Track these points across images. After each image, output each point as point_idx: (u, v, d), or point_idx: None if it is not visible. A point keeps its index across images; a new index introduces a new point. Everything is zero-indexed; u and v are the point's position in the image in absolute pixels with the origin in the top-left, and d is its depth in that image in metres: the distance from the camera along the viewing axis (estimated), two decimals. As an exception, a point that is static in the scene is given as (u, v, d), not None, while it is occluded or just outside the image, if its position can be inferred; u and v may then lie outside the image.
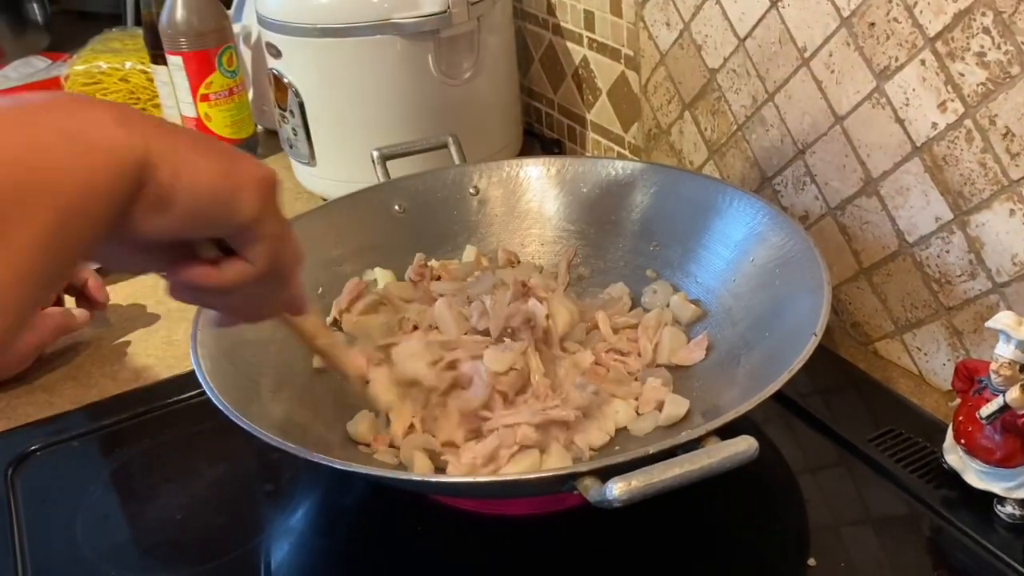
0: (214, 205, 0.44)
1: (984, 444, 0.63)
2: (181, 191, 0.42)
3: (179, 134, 0.44)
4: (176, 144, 0.43)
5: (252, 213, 0.46)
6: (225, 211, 0.45)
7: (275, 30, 1.07)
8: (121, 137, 0.41)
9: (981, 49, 0.64)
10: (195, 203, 0.43)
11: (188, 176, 0.43)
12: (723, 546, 0.66)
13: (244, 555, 0.68)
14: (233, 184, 0.45)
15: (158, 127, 0.43)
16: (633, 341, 0.80)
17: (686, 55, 0.94)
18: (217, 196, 0.44)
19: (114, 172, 0.40)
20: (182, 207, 0.43)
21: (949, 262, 0.72)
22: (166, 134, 0.43)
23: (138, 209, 0.42)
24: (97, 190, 0.40)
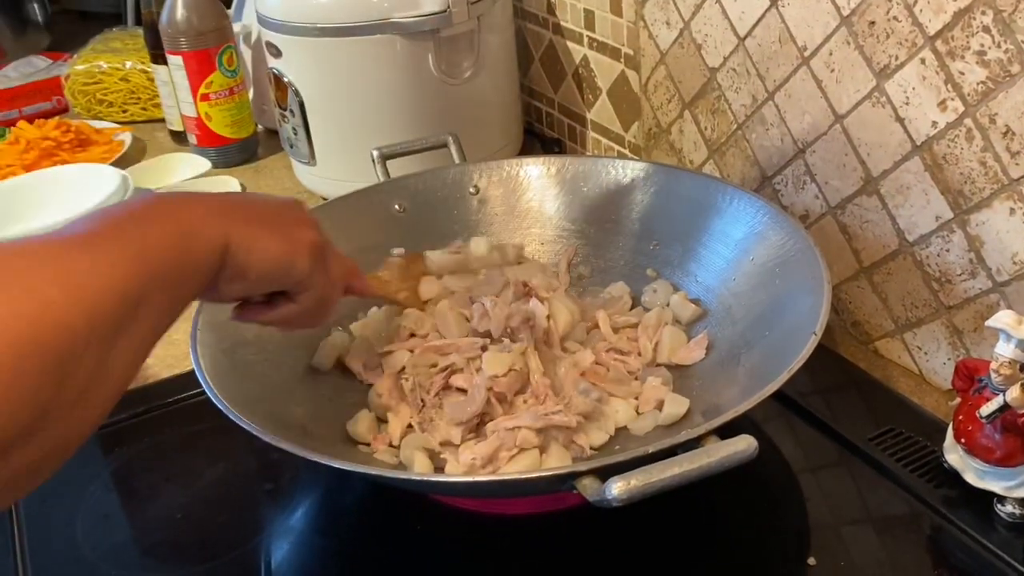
0: (277, 271, 0.57)
1: (984, 443, 0.63)
2: (253, 265, 0.54)
3: (253, 220, 0.55)
4: (249, 226, 0.54)
5: (304, 274, 0.59)
6: (285, 274, 0.58)
7: (275, 29, 1.07)
8: (211, 230, 0.51)
9: (981, 48, 0.64)
10: (264, 272, 0.55)
11: (258, 252, 0.54)
12: (723, 545, 0.66)
13: (244, 554, 0.68)
14: (291, 253, 0.57)
15: (238, 217, 0.54)
16: (633, 340, 0.80)
17: (686, 54, 0.94)
18: (279, 265, 0.56)
19: (207, 259, 0.51)
20: (255, 276, 0.55)
21: (949, 261, 0.72)
22: (243, 222, 0.54)
23: (221, 280, 0.53)
24: (197, 274, 0.51)
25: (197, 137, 1.30)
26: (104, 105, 1.48)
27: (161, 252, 0.47)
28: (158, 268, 0.47)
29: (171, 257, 0.48)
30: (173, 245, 0.48)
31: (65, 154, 1.30)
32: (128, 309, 0.44)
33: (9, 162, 1.26)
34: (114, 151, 1.33)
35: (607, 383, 0.74)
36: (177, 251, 0.49)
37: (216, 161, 1.28)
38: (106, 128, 1.41)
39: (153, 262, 0.46)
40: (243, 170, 1.30)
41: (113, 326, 0.43)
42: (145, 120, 1.48)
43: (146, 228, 0.48)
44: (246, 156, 1.33)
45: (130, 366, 0.45)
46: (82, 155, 1.30)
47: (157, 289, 0.46)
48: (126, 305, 0.44)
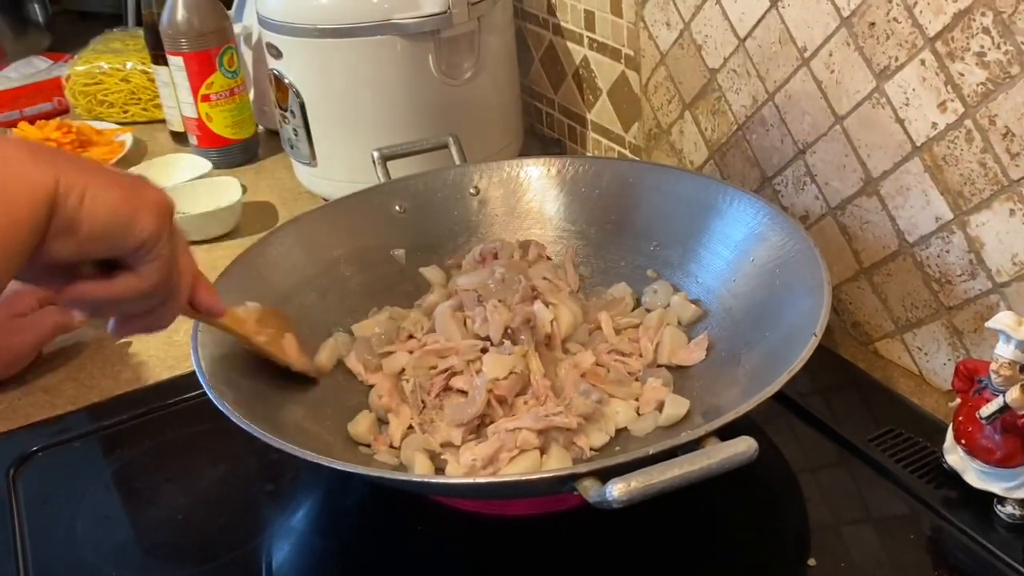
0: (115, 226, 0.49)
1: (984, 444, 0.63)
2: (86, 216, 0.47)
3: (86, 166, 0.48)
4: (82, 174, 0.47)
5: (147, 235, 0.50)
6: (123, 233, 0.50)
7: (276, 31, 1.07)
8: (34, 172, 0.45)
9: (981, 49, 0.64)
10: (99, 226, 0.48)
11: (91, 202, 0.47)
12: (723, 546, 0.66)
13: (245, 555, 0.68)
14: (132, 208, 0.49)
15: (67, 160, 0.47)
16: (635, 341, 0.80)
17: (686, 55, 0.95)
18: (118, 218, 0.49)
19: (31, 205, 0.45)
20: (87, 230, 0.47)
21: (949, 262, 0.72)
22: (73, 166, 0.47)
23: (48, 235, 0.46)
24: (20, 224, 0.44)
25: (198, 138, 1.30)
26: (105, 106, 1.49)
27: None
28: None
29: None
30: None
31: (66, 155, 1.29)
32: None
33: (10, 163, 1.26)
34: (115, 152, 1.33)
35: (607, 384, 0.75)
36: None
37: (217, 162, 1.28)
38: (107, 129, 1.41)
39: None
40: (244, 171, 1.30)
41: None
42: (146, 121, 1.48)
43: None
44: (247, 157, 1.33)
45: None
46: (83, 156, 1.31)
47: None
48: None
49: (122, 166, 1.20)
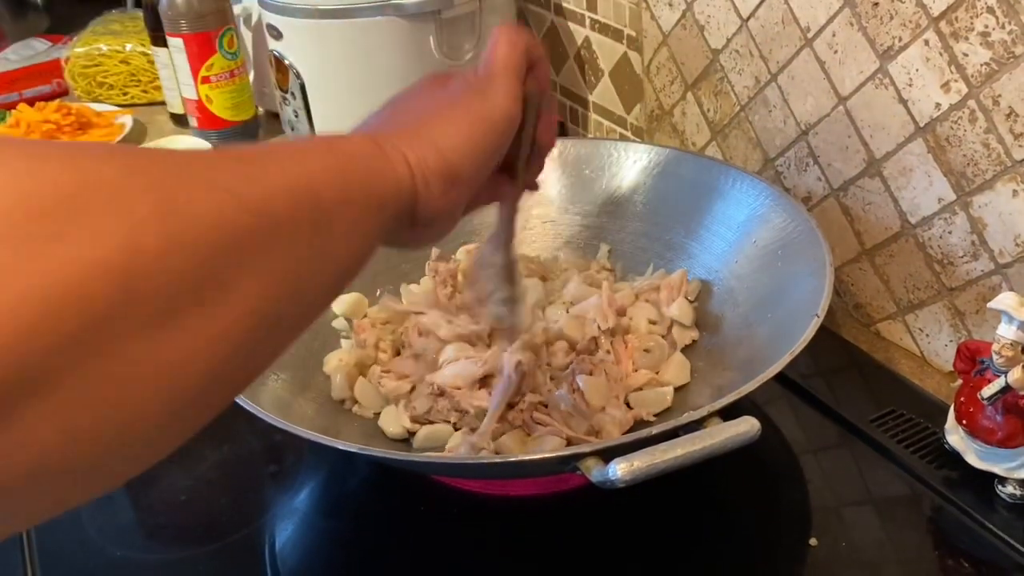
0: (486, 154, 0.49)
1: (986, 425, 0.63)
2: (461, 160, 0.47)
3: (408, 124, 0.47)
4: (419, 132, 0.46)
5: (516, 116, 0.51)
6: (499, 138, 0.50)
7: (276, 11, 1.06)
8: (384, 160, 0.44)
9: (985, 29, 0.64)
10: (473, 165, 0.48)
11: (451, 144, 0.47)
12: (725, 526, 0.67)
13: (248, 536, 0.69)
14: (486, 129, 0.49)
15: (395, 134, 0.46)
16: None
17: (689, 35, 0.94)
18: (482, 148, 0.49)
19: (389, 194, 0.43)
20: (470, 167, 0.48)
21: (951, 243, 0.72)
22: (403, 133, 0.46)
23: (430, 195, 0.45)
24: (379, 210, 0.43)
25: (198, 120, 1.30)
26: (104, 88, 1.48)
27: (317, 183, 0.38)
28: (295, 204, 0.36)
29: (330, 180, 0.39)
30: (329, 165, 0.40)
31: (66, 137, 1.29)
32: (258, 226, 0.34)
33: (10, 145, 1.26)
34: (115, 134, 1.32)
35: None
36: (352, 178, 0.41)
37: (217, 144, 1.28)
38: (107, 111, 1.40)
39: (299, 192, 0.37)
40: (244, 153, 1.29)
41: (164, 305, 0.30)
42: (146, 103, 1.48)
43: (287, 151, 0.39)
44: (247, 139, 1.32)
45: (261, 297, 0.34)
46: (83, 138, 1.30)
47: (307, 217, 0.37)
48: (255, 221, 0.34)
49: (122, 148, 1.20)
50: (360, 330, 0.79)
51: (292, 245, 0.36)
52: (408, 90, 0.54)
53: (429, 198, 0.46)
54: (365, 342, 0.78)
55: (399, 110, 0.52)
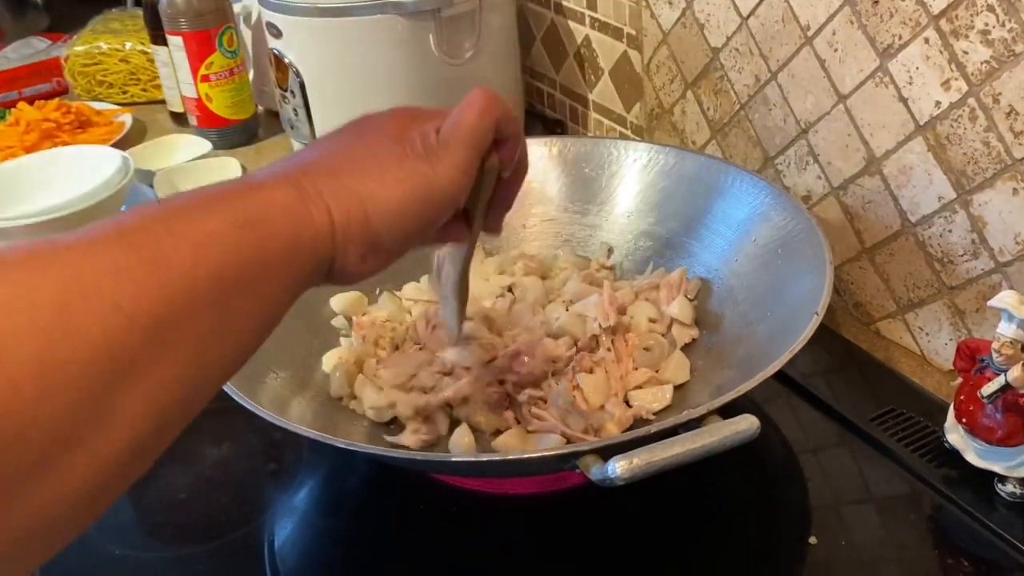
0: (421, 221, 0.46)
1: (985, 423, 0.63)
2: (379, 231, 0.44)
3: (345, 171, 0.44)
4: (350, 190, 0.43)
5: (459, 202, 0.48)
6: (434, 212, 0.47)
7: (276, 10, 1.06)
8: (303, 212, 0.41)
9: (985, 27, 0.64)
10: (401, 231, 0.45)
11: (377, 218, 0.43)
12: (724, 524, 0.67)
13: (247, 534, 0.68)
14: (425, 191, 0.46)
15: (326, 178, 0.43)
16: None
17: (688, 34, 0.94)
18: (418, 214, 0.46)
19: (307, 252, 0.41)
20: (388, 240, 0.44)
21: (951, 241, 0.72)
22: (335, 183, 0.43)
23: (347, 258, 0.43)
24: (304, 269, 0.41)
25: (197, 118, 1.30)
26: (104, 86, 1.48)
27: (218, 255, 0.36)
28: (207, 276, 0.35)
29: (237, 257, 0.37)
30: (237, 239, 0.37)
31: (65, 135, 1.29)
32: (148, 339, 0.33)
33: (9, 144, 1.26)
34: (114, 133, 1.32)
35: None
36: (246, 248, 0.38)
37: (217, 142, 1.28)
38: (106, 109, 1.40)
39: (204, 266, 0.35)
40: (244, 151, 1.29)
41: (109, 370, 0.31)
42: (145, 101, 1.48)
43: (192, 219, 0.37)
44: (247, 137, 1.32)
45: (147, 415, 0.34)
46: (82, 136, 1.30)
47: (207, 305, 0.35)
48: (144, 335, 0.33)
49: (122, 147, 1.20)
50: (360, 328, 0.79)
51: (187, 344, 0.34)
52: (364, 120, 0.51)
53: (345, 262, 0.43)
54: (365, 340, 0.78)
55: (342, 142, 0.48)
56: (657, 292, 0.81)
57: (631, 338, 0.77)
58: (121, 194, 1.07)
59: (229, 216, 0.38)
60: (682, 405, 0.71)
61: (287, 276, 0.40)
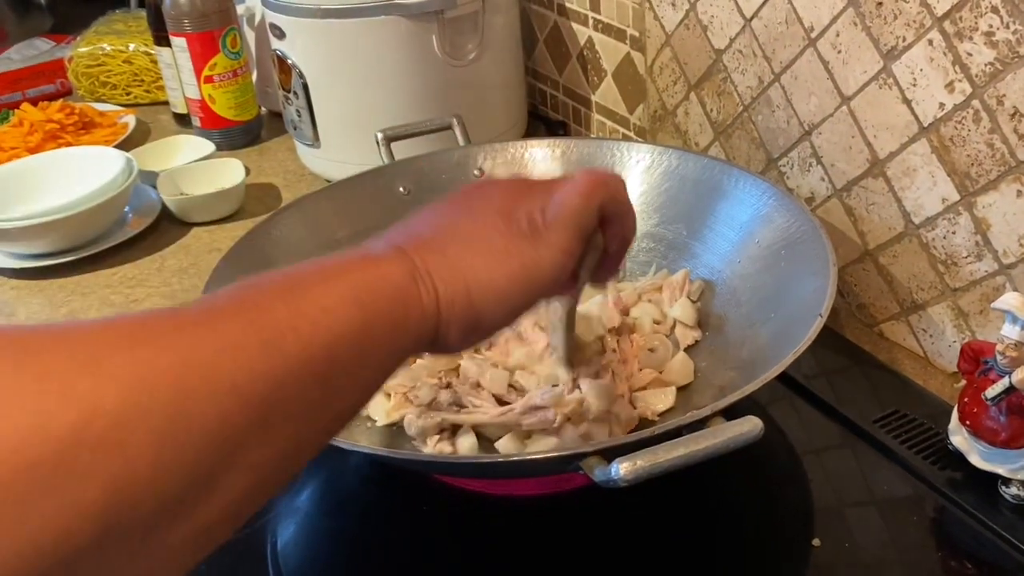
0: (519, 306, 0.46)
1: (989, 425, 0.63)
2: (482, 314, 0.44)
3: (451, 247, 0.44)
4: (457, 264, 0.43)
5: (563, 276, 0.47)
6: (536, 294, 0.46)
7: (279, 11, 1.06)
8: (413, 295, 0.41)
9: (989, 29, 0.64)
10: (501, 316, 0.45)
11: (481, 299, 0.44)
12: (728, 526, 0.67)
13: (250, 535, 0.68)
14: (525, 281, 0.45)
15: (436, 258, 0.43)
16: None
17: (692, 36, 0.94)
18: (517, 301, 0.45)
19: (414, 328, 0.41)
20: (489, 322, 0.45)
21: (955, 243, 0.72)
22: (444, 264, 0.43)
23: (448, 336, 0.43)
24: (405, 350, 0.42)
25: (201, 119, 1.30)
26: (108, 87, 1.48)
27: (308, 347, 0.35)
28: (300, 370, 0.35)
29: (349, 334, 0.37)
30: (350, 316, 0.38)
31: (69, 136, 1.30)
32: (258, 419, 0.33)
33: (13, 144, 1.26)
34: (118, 133, 1.33)
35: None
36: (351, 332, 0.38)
37: (220, 143, 1.28)
38: (110, 110, 1.41)
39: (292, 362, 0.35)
40: (247, 152, 1.29)
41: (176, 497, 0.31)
42: (149, 102, 1.48)
43: (310, 294, 0.37)
44: (250, 138, 1.32)
45: (247, 488, 0.34)
46: (86, 137, 1.30)
47: (315, 383, 0.35)
48: (256, 415, 0.33)
49: (125, 148, 1.20)
50: None
51: (293, 421, 0.35)
52: (476, 189, 0.51)
53: (447, 340, 0.44)
54: None
55: (452, 215, 0.48)
56: (660, 294, 0.81)
57: (635, 339, 0.77)
58: (125, 195, 1.07)
59: (346, 292, 0.38)
60: (685, 407, 0.71)
61: (391, 350, 0.40)
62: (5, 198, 1.07)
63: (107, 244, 1.06)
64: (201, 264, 1.03)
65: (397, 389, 0.73)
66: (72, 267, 1.04)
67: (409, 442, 0.71)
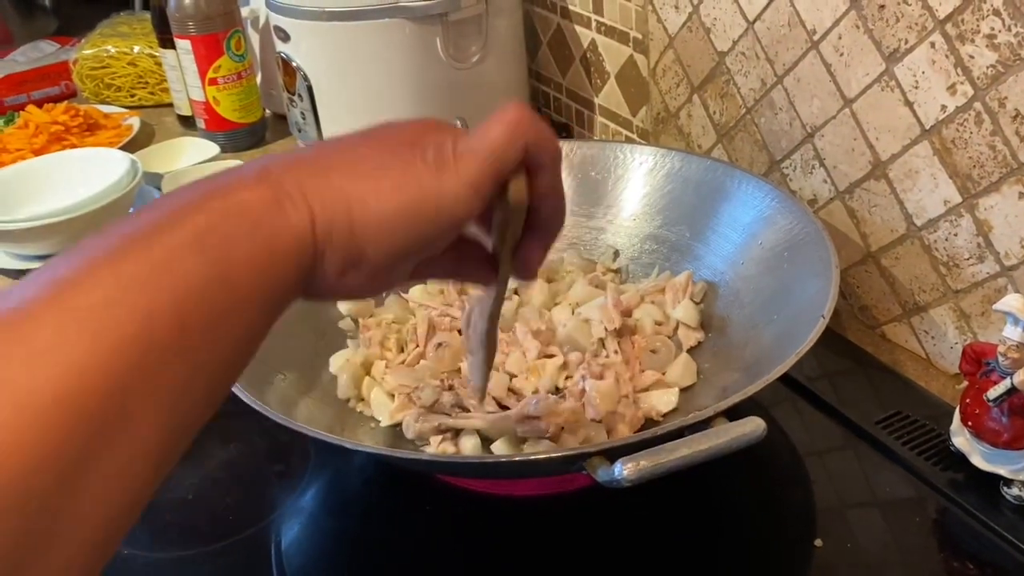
0: (415, 239, 0.39)
1: (991, 426, 0.63)
2: (365, 245, 0.37)
3: (336, 167, 0.38)
4: (338, 190, 0.37)
5: (465, 215, 0.40)
6: (431, 231, 0.39)
7: (283, 13, 1.07)
8: (279, 217, 0.35)
9: (991, 31, 0.64)
10: (388, 247, 0.38)
11: (363, 227, 0.37)
12: (730, 527, 0.67)
13: (254, 535, 0.69)
14: (418, 205, 0.38)
15: (312, 173, 0.37)
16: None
17: (695, 38, 0.94)
18: (411, 231, 0.38)
19: (281, 256, 0.35)
20: (373, 257, 0.38)
21: (957, 245, 0.72)
22: (322, 180, 0.37)
23: (325, 270, 0.37)
24: (277, 279, 0.35)
25: (205, 122, 1.30)
26: (112, 90, 1.49)
27: (182, 280, 0.32)
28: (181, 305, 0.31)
29: (197, 285, 0.32)
30: (194, 264, 0.32)
31: (74, 138, 1.30)
32: (104, 421, 0.29)
33: (18, 146, 1.27)
34: (122, 135, 1.33)
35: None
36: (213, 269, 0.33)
37: (224, 146, 1.28)
38: (114, 113, 1.41)
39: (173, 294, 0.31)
40: (251, 155, 1.30)
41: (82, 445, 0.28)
42: (153, 105, 1.48)
43: (143, 250, 0.32)
44: (254, 141, 1.33)
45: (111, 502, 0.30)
46: (91, 139, 1.31)
47: (173, 356, 0.31)
48: (100, 419, 0.28)
49: (129, 149, 1.20)
50: (366, 330, 0.80)
51: (154, 408, 0.31)
52: (386, 123, 0.44)
53: (324, 274, 0.37)
54: (371, 341, 0.79)
55: (347, 140, 0.42)
56: (663, 295, 0.81)
57: (637, 340, 0.77)
58: (129, 196, 1.07)
59: (186, 235, 0.33)
60: (688, 408, 0.72)
61: (260, 294, 0.35)
62: (10, 199, 1.07)
63: (112, 245, 1.06)
64: (205, 265, 1.03)
65: (400, 390, 0.74)
66: (77, 268, 1.04)
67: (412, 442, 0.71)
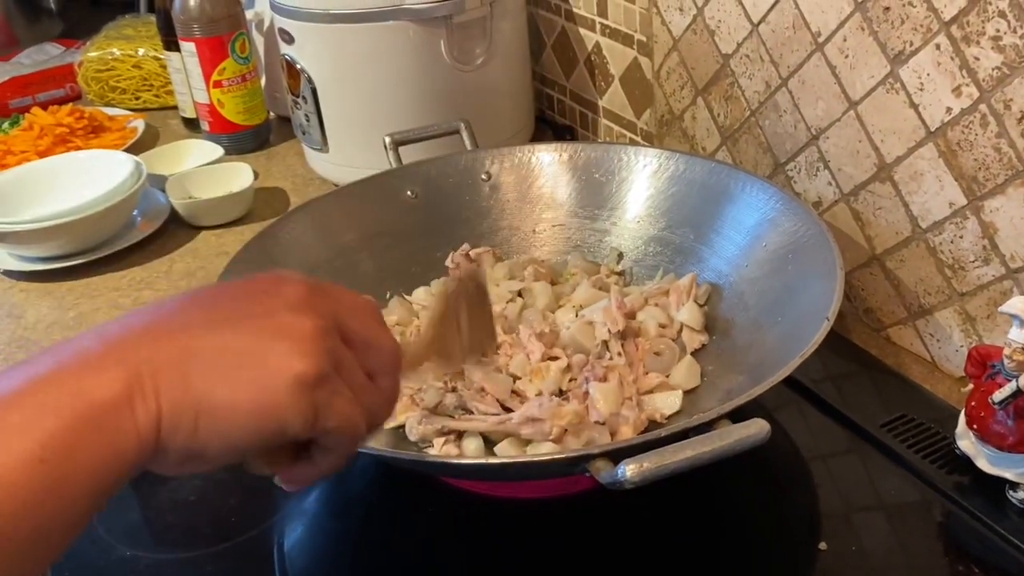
0: (252, 438, 0.37)
1: (997, 429, 0.63)
2: (207, 442, 0.36)
3: (196, 352, 0.37)
4: (189, 390, 0.36)
5: (301, 427, 0.38)
6: (268, 436, 0.38)
7: (288, 16, 1.07)
8: (127, 424, 0.34)
9: (997, 33, 0.64)
10: (227, 445, 0.37)
11: (208, 425, 0.36)
12: (734, 529, 0.66)
13: (257, 536, 0.69)
14: (263, 408, 0.37)
15: (163, 343, 0.36)
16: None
17: (699, 40, 0.94)
18: (251, 431, 0.37)
19: (122, 450, 0.34)
20: (215, 452, 0.37)
21: (963, 248, 0.72)
22: (177, 355, 0.36)
23: (159, 463, 0.36)
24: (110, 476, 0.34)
25: (209, 124, 1.30)
26: (117, 92, 1.49)
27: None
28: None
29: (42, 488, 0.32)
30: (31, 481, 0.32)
31: (79, 140, 1.30)
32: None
33: (23, 148, 1.27)
34: (127, 138, 1.33)
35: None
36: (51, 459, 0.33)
37: (228, 148, 1.28)
38: (119, 115, 1.41)
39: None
40: (255, 157, 1.30)
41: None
42: (158, 107, 1.49)
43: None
44: (258, 143, 1.33)
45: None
46: (95, 141, 1.31)
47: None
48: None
49: (134, 152, 1.20)
50: None
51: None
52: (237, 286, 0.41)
53: (160, 462, 0.37)
54: None
55: (214, 311, 0.39)
56: (667, 297, 0.81)
57: (641, 342, 0.77)
58: (134, 198, 1.07)
59: (32, 445, 0.32)
60: (692, 410, 0.71)
61: (93, 487, 0.34)
62: (15, 201, 1.07)
63: (116, 247, 1.06)
64: (209, 267, 1.04)
65: (404, 391, 0.73)
66: (81, 270, 1.04)
67: (416, 444, 0.71)
